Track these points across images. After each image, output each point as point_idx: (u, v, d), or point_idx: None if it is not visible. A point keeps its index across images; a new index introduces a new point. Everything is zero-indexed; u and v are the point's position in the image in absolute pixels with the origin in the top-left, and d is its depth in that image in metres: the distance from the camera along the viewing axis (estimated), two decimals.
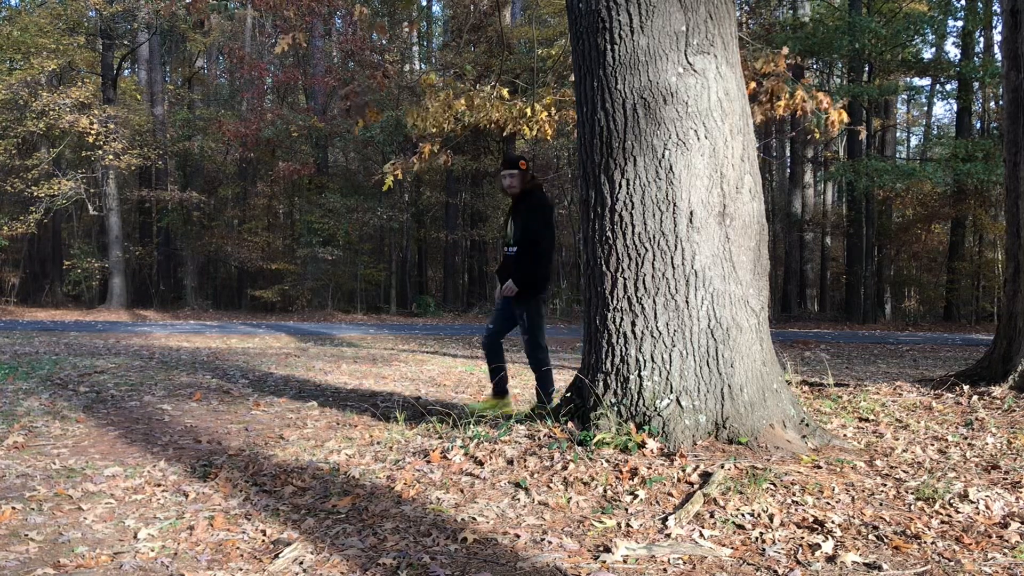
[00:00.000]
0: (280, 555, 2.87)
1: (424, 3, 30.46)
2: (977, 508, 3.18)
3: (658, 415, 3.89)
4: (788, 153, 26.43)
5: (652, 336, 3.95)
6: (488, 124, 8.97)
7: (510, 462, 3.78)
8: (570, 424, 4.14)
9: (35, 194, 20.79)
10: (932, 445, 4.22)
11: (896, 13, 20.05)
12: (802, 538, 2.91)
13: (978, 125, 25.48)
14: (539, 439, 4.05)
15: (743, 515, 3.10)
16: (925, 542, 2.87)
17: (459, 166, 21.69)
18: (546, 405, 4.83)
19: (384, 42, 23.88)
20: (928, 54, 23.43)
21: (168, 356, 9.60)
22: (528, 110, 8.71)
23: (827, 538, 2.87)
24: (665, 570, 2.69)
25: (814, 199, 25.60)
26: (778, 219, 24.29)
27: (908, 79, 24.65)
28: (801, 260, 23.29)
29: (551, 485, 3.49)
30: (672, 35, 3.96)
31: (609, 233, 4.07)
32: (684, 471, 3.51)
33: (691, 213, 3.94)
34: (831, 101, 7.52)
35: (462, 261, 27.68)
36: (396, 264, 26.63)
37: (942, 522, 3.07)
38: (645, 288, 3.98)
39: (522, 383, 7.59)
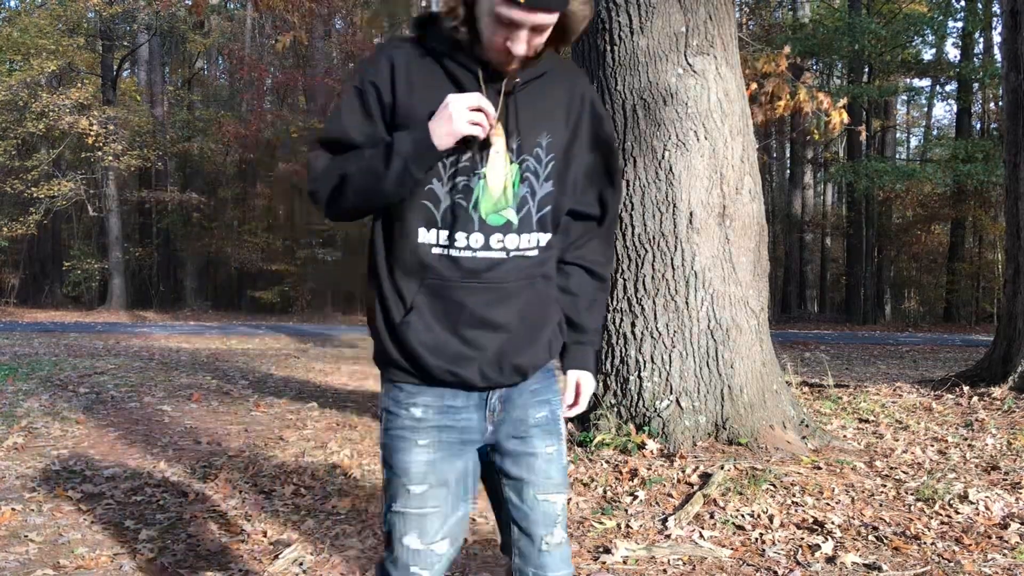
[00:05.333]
0: (280, 556, 2.87)
1: (424, 3, 30.50)
2: (977, 509, 3.18)
3: (658, 416, 3.89)
4: (788, 154, 26.42)
5: (652, 337, 3.95)
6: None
7: None
8: (570, 425, 4.14)
9: (35, 195, 20.78)
10: (932, 446, 4.22)
11: (896, 14, 20.05)
12: (802, 539, 2.91)
13: (978, 126, 25.46)
14: None
15: (743, 516, 3.10)
16: (925, 543, 2.87)
17: None
18: None
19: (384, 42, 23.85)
20: (928, 55, 23.42)
21: (168, 357, 9.59)
22: None
23: (827, 539, 2.87)
24: (665, 571, 2.69)
25: (814, 200, 25.59)
26: (778, 220, 24.28)
27: (908, 80, 24.63)
28: (801, 261, 23.28)
29: None
30: (672, 36, 3.96)
31: None
32: (684, 472, 3.51)
33: (691, 214, 3.94)
34: (832, 102, 7.53)
35: None
36: None
37: (942, 523, 3.07)
38: (645, 289, 3.98)
39: None
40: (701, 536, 2.94)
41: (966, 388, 5.57)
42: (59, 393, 6.53)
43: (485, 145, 1.52)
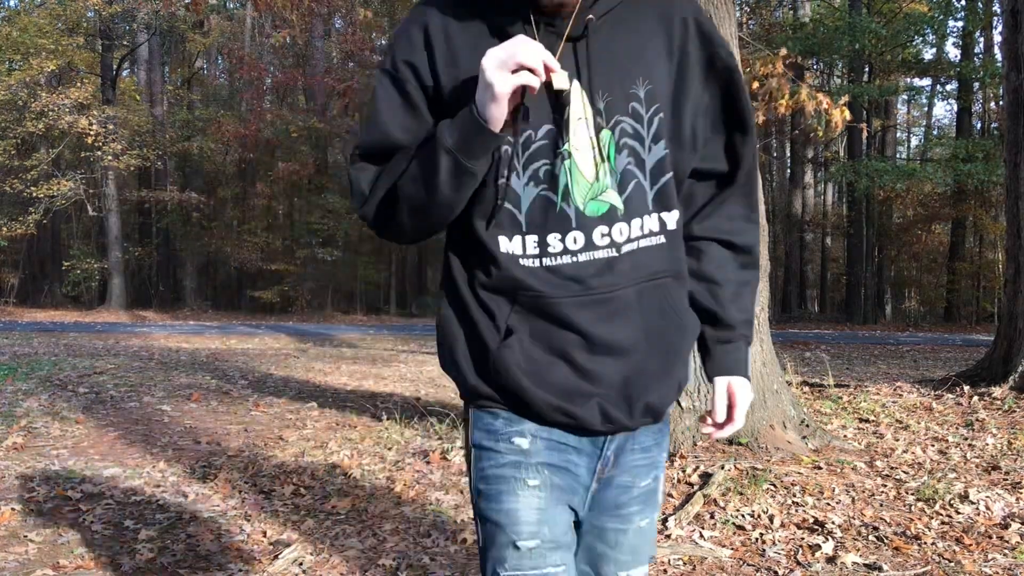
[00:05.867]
0: (280, 556, 2.87)
1: None
2: (977, 509, 3.18)
3: None
4: (788, 153, 26.42)
5: None
6: None
7: None
8: None
9: (34, 195, 20.78)
10: (932, 446, 4.22)
11: (896, 13, 20.04)
12: (802, 539, 2.90)
13: (978, 125, 25.46)
14: None
15: (743, 516, 3.10)
16: (925, 543, 2.86)
17: None
18: None
19: (383, 42, 23.89)
20: (928, 55, 23.41)
21: (167, 357, 9.59)
22: None
23: (827, 539, 2.86)
24: (665, 571, 2.69)
25: (814, 200, 25.60)
26: (778, 220, 24.28)
27: (908, 79, 24.63)
28: (801, 261, 23.29)
29: None
30: None
31: None
32: (684, 472, 3.51)
33: None
34: (831, 102, 7.52)
35: None
36: (396, 264, 26.63)
37: (942, 523, 3.06)
38: None
39: None
40: (701, 536, 2.94)
41: (966, 388, 5.57)
42: (58, 393, 6.52)
43: (560, 110, 1.13)
